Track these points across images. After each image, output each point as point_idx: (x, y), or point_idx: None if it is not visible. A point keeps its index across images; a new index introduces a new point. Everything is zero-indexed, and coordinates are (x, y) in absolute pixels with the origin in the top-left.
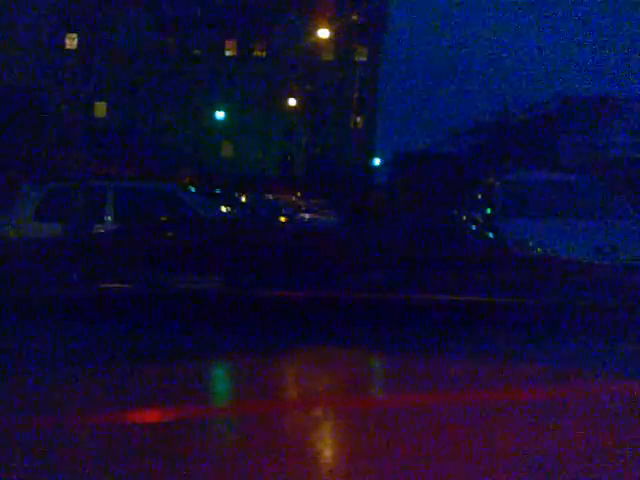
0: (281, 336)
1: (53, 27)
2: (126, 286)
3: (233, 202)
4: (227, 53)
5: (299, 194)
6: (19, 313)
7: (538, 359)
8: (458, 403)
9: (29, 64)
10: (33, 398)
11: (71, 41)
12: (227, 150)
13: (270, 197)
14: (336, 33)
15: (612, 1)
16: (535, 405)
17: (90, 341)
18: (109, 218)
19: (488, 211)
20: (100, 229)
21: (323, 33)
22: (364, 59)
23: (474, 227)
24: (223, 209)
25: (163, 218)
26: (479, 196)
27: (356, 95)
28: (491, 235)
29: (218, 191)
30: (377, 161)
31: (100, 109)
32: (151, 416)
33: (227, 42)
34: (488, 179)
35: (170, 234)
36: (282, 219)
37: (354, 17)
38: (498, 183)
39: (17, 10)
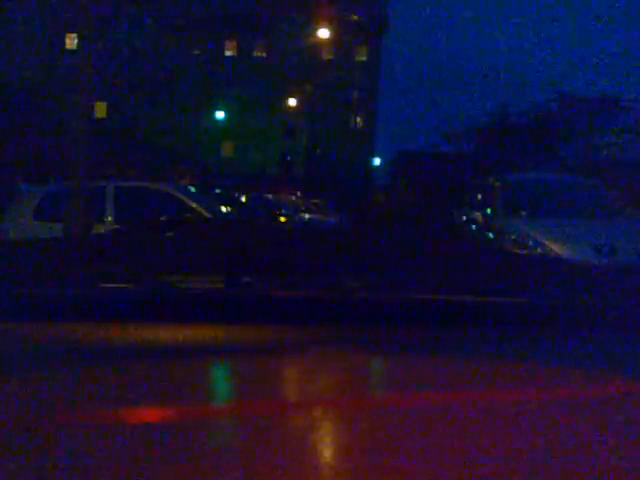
0: (281, 335)
1: (53, 27)
2: (126, 286)
3: (233, 202)
4: (227, 53)
5: (299, 194)
6: (19, 313)
7: (538, 359)
8: (458, 403)
9: (29, 64)
10: (33, 398)
11: (71, 41)
12: (227, 150)
13: (270, 197)
14: (336, 33)
15: (613, 1)
16: (534, 405)
17: (90, 341)
18: (109, 218)
19: (488, 211)
20: (100, 229)
21: (323, 33)
22: (364, 59)
23: (474, 227)
24: (223, 209)
25: (163, 218)
26: (479, 196)
27: (356, 95)
28: (491, 235)
29: (218, 191)
30: (377, 161)
31: (100, 109)
32: (151, 416)
33: (227, 42)
34: (488, 179)
35: (170, 234)
36: (282, 219)
37: (354, 17)
38: (498, 183)
39: (17, 10)
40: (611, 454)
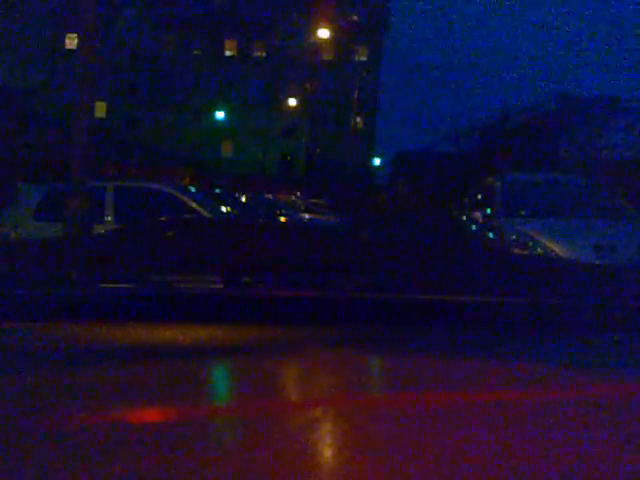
0: (281, 335)
1: (53, 27)
2: (126, 286)
3: (233, 202)
4: (227, 53)
5: (299, 194)
6: (20, 312)
7: (538, 359)
8: (458, 403)
9: (30, 64)
10: (33, 398)
11: (71, 41)
12: (227, 150)
13: (270, 197)
14: (336, 33)
15: (613, 1)
16: (535, 405)
17: (90, 340)
18: (109, 218)
19: (488, 211)
20: (100, 229)
21: (323, 33)
22: (364, 59)
23: (474, 227)
24: (223, 209)
25: (163, 218)
26: (479, 196)
27: (356, 95)
28: (491, 235)
29: (218, 191)
30: (377, 161)
31: (100, 109)
32: (151, 416)
33: (227, 42)
34: (488, 179)
35: (170, 234)
36: (282, 219)
37: (354, 17)
38: (498, 183)
39: (17, 10)
40: (612, 453)
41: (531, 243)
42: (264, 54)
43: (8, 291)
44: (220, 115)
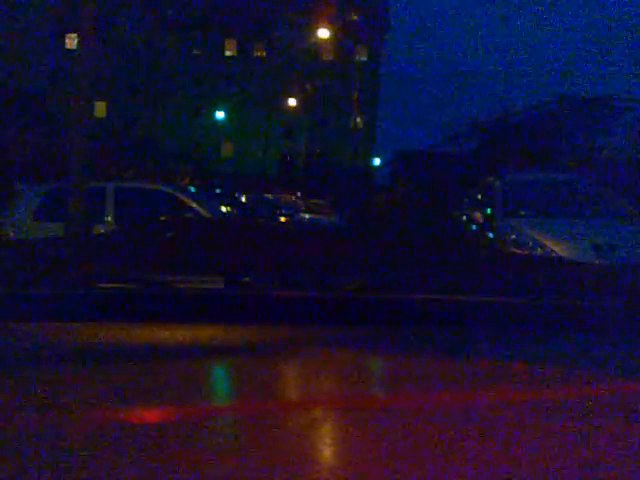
0: (281, 335)
1: (53, 27)
2: (126, 286)
3: (233, 202)
4: (227, 53)
5: (299, 194)
6: (20, 312)
7: (538, 359)
8: (459, 403)
9: (29, 64)
10: (33, 398)
11: (71, 41)
12: (227, 150)
13: (270, 197)
14: (336, 33)
15: (612, 2)
16: (535, 405)
17: (89, 341)
18: (109, 218)
19: (488, 211)
20: (100, 229)
21: (323, 33)
22: (364, 59)
23: (474, 227)
24: (223, 209)
25: (163, 218)
26: (479, 196)
27: (356, 95)
28: (491, 235)
29: (218, 191)
30: (377, 161)
31: (100, 109)
32: (151, 416)
33: (227, 42)
34: (488, 179)
35: (170, 234)
36: (282, 219)
37: (354, 17)
38: (498, 183)
39: (17, 10)
40: (611, 453)
41: (531, 243)
42: (264, 54)
43: (8, 291)
44: (220, 115)
